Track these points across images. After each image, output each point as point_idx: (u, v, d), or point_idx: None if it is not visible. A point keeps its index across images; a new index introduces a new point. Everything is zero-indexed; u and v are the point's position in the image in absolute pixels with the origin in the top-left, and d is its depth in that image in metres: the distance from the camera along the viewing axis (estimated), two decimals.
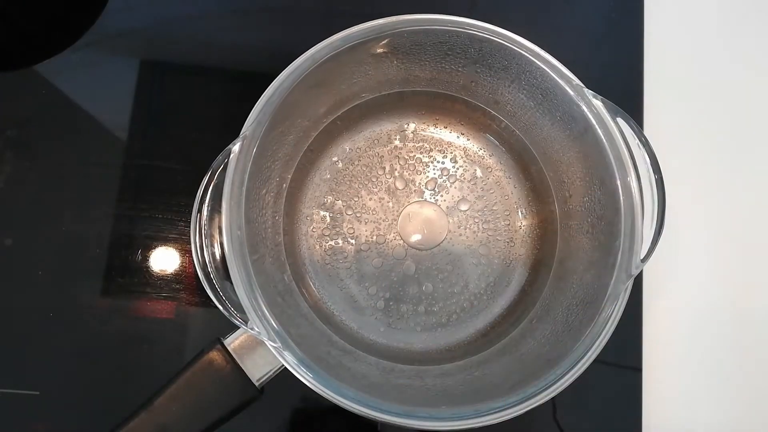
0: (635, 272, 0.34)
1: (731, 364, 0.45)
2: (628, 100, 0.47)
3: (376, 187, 0.43)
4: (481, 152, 0.44)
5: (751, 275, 0.46)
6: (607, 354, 0.33)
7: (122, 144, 0.45)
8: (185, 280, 0.43)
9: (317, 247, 0.42)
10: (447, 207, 0.43)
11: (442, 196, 0.43)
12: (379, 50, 0.38)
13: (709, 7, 0.51)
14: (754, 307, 0.45)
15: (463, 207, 0.43)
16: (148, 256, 0.43)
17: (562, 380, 0.33)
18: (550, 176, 0.42)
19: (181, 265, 0.43)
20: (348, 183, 0.43)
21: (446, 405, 0.33)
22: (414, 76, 0.42)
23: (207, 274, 0.32)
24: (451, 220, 0.42)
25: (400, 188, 0.43)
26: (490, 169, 0.43)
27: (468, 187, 0.43)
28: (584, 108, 0.36)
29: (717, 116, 0.48)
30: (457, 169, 0.43)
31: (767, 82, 0.49)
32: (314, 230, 0.42)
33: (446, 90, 0.43)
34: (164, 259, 0.43)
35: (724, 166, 0.48)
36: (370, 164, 0.43)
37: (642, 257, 0.34)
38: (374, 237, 0.42)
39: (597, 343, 0.33)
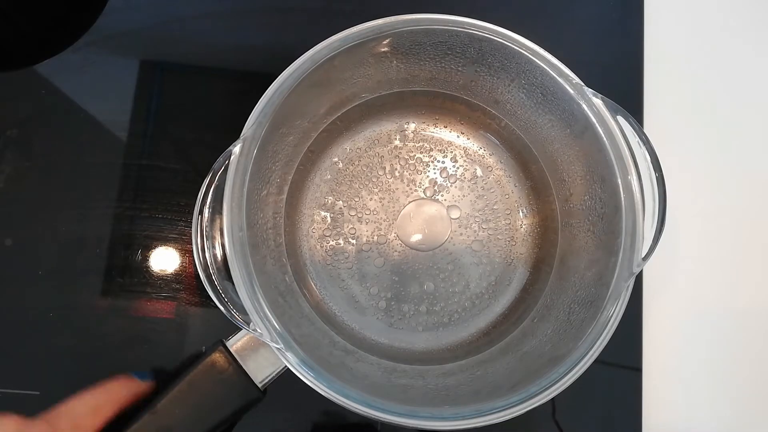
0: (637, 270, 0.34)
1: (731, 364, 0.45)
2: (628, 98, 0.47)
3: (377, 187, 0.43)
4: (481, 151, 0.44)
5: (752, 275, 0.46)
6: (607, 354, 0.33)
7: (122, 144, 0.45)
8: (185, 280, 0.43)
9: (318, 247, 0.42)
10: (448, 206, 0.43)
11: (442, 195, 0.43)
12: (379, 50, 0.38)
13: (709, 5, 0.51)
14: (755, 306, 0.46)
15: (464, 206, 0.43)
16: (148, 256, 0.43)
17: (565, 379, 0.33)
18: (550, 175, 0.42)
19: (181, 265, 0.43)
20: (348, 183, 0.43)
21: (448, 405, 0.33)
22: (414, 76, 0.42)
23: (209, 276, 0.32)
24: (453, 220, 0.42)
25: (401, 188, 0.43)
26: (490, 168, 0.43)
27: (468, 187, 0.43)
28: (584, 106, 0.36)
29: (717, 114, 0.48)
30: (458, 168, 0.43)
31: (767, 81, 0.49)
32: (315, 231, 0.42)
33: (446, 89, 0.43)
34: (164, 259, 0.43)
35: (725, 164, 0.48)
36: (371, 164, 0.43)
37: (643, 255, 0.34)
38: (375, 237, 0.42)
39: (599, 341, 0.33)
